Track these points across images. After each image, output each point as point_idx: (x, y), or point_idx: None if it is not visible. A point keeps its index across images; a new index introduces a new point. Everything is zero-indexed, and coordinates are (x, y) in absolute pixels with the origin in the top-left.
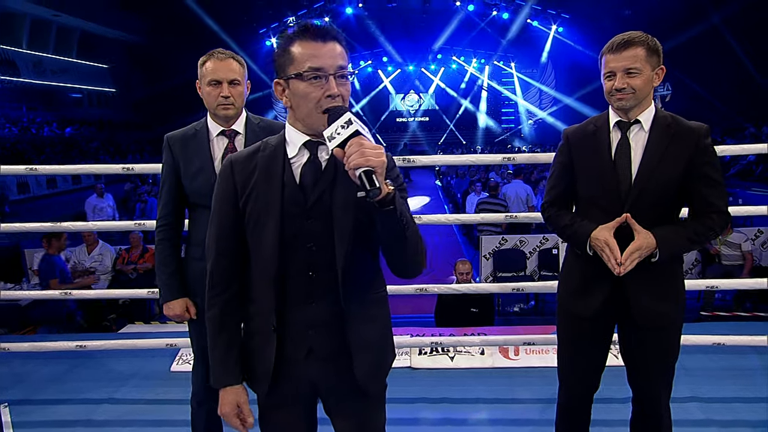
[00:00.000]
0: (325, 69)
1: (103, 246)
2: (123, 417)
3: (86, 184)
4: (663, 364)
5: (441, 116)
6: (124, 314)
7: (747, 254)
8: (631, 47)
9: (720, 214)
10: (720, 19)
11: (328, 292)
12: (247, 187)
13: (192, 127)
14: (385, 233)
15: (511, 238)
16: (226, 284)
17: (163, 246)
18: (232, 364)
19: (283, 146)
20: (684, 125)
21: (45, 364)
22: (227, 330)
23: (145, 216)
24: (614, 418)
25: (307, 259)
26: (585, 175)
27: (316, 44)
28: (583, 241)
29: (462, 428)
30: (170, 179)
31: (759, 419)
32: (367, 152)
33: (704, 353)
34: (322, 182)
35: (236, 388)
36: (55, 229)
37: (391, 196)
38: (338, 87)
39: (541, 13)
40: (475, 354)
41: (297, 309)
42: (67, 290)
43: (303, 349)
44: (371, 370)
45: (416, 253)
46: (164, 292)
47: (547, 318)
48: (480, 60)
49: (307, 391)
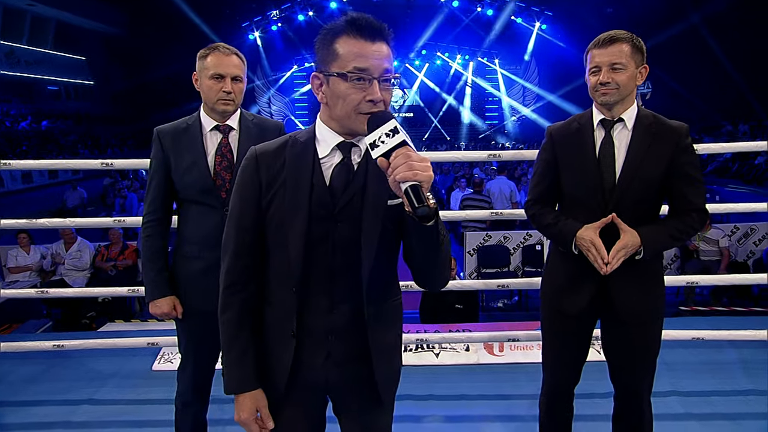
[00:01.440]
0: (370, 71)
1: (81, 242)
2: (103, 418)
3: (63, 179)
4: (645, 359)
5: (425, 112)
6: (104, 312)
7: (724, 250)
8: (616, 43)
9: (699, 212)
10: (700, 18)
11: (350, 297)
12: (274, 185)
13: (183, 121)
14: (421, 247)
15: (495, 235)
16: (244, 284)
17: (150, 242)
18: (250, 368)
19: (313, 144)
20: (665, 124)
21: (21, 364)
22: (244, 333)
23: (125, 212)
24: (596, 413)
25: (330, 263)
26: (569, 172)
27: (365, 43)
28: (569, 240)
29: (448, 425)
30: (159, 174)
31: (736, 412)
32: (415, 165)
33: (684, 347)
34: (353, 186)
35: (255, 393)
36: (31, 225)
37: (434, 211)
38: (382, 92)
39: (524, 10)
40: (460, 351)
41: (318, 314)
42: (44, 289)
43: (321, 355)
44: (388, 375)
45: (446, 267)
46: (151, 289)
47: (530, 313)
48: (464, 56)
49: (320, 395)
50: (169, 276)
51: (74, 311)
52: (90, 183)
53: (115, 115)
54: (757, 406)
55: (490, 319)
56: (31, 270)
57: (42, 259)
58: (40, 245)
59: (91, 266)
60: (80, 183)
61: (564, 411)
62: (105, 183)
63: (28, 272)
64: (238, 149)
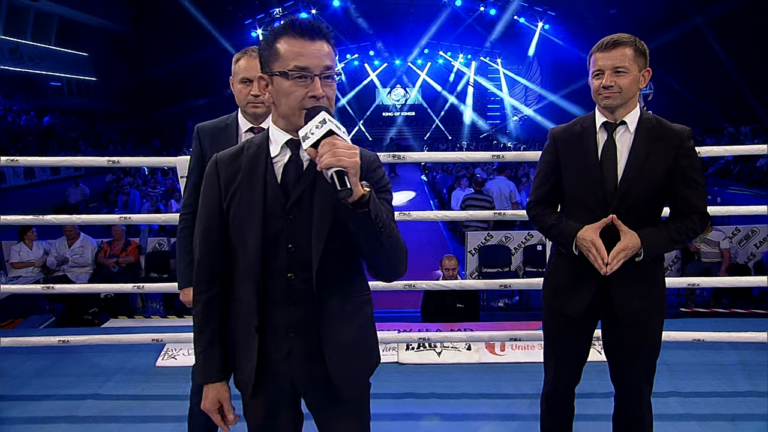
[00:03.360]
0: (310, 69)
1: (84, 239)
2: (108, 413)
3: (65, 175)
4: (645, 360)
5: (427, 111)
6: (106, 308)
7: (725, 252)
8: (619, 47)
9: (700, 215)
10: (703, 20)
11: (306, 293)
12: (231, 187)
13: (223, 120)
14: (359, 235)
15: (497, 234)
16: (209, 282)
17: (184, 234)
18: (214, 361)
19: (266, 145)
20: (668, 127)
21: (26, 359)
22: (210, 327)
23: (128, 209)
24: (597, 413)
25: (287, 259)
26: (571, 174)
27: (304, 42)
28: (570, 241)
29: (450, 423)
30: (198, 169)
31: (736, 413)
32: (339, 152)
33: (684, 349)
34: (303, 181)
35: (217, 385)
36: (38, 222)
37: (366, 198)
38: (323, 88)
39: (528, 9)
40: (462, 349)
41: (278, 310)
42: (50, 285)
43: (283, 350)
44: (346, 374)
45: (393, 257)
46: (182, 278)
47: (531, 313)
48: (467, 55)
49: (289, 389)
50: None
51: (77, 307)
52: (92, 179)
53: (118, 112)
54: (757, 407)
55: (491, 318)
56: (34, 266)
57: (45, 254)
58: (43, 241)
59: (93, 262)
60: (82, 179)
61: (565, 410)
62: (108, 179)
63: (31, 268)
64: None
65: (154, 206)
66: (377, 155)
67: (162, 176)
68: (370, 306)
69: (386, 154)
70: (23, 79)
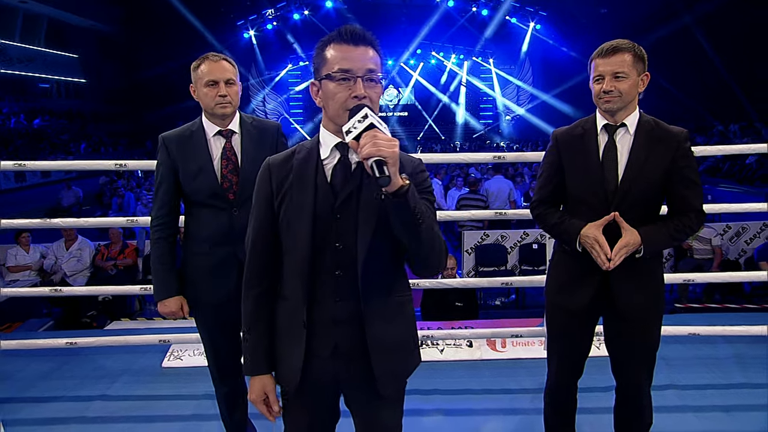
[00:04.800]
0: (353, 71)
1: (82, 242)
2: (117, 413)
3: (56, 178)
4: (645, 352)
5: (420, 111)
6: (104, 311)
7: (717, 249)
8: (619, 53)
9: (697, 213)
10: (692, 19)
11: (352, 290)
12: (282, 189)
13: (187, 128)
14: (399, 224)
15: (493, 234)
16: (259, 280)
17: (159, 244)
18: (262, 354)
19: (317, 148)
20: (666, 129)
21: (29, 362)
22: (259, 324)
23: (123, 211)
24: (598, 406)
25: (334, 257)
26: (574, 175)
27: (348, 47)
28: (573, 238)
29: (454, 418)
30: (168, 179)
31: (731, 404)
32: (379, 143)
33: (681, 343)
34: (351, 183)
35: (264, 378)
36: (44, 225)
37: (405, 188)
38: (366, 89)
39: (519, 10)
40: (464, 347)
41: (325, 306)
42: (57, 287)
43: (329, 346)
44: (388, 371)
45: (429, 250)
46: (160, 289)
47: (527, 311)
48: (459, 56)
49: (332, 387)
50: (178, 276)
51: (75, 310)
52: (84, 182)
53: (109, 113)
54: (751, 398)
55: (488, 317)
56: (31, 269)
57: (42, 258)
58: (39, 244)
59: (91, 265)
60: (74, 182)
61: (568, 403)
62: (101, 182)
63: (28, 271)
64: (241, 151)
65: (147, 208)
66: (421, 160)
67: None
68: (411, 306)
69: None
70: (12, 81)
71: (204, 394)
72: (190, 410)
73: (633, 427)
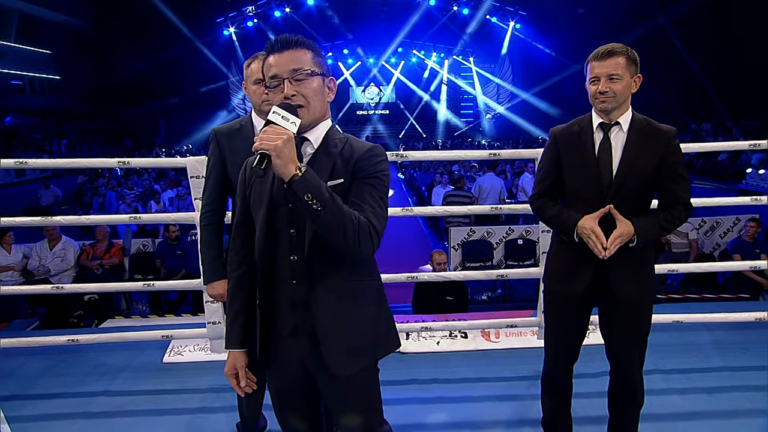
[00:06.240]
0: (280, 75)
1: (66, 241)
2: (122, 408)
3: (30, 177)
4: (637, 336)
5: (401, 109)
6: (91, 311)
7: (693, 242)
8: (613, 56)
9: (685, 206)
10: (667, 20)
11: (307, 274)
12: (251, 180)
13: (237, 122)
14: (301, 209)
15: (479, 230)
16: (237, 264)
17: (208, 230)
18: (236, 331)
19: None
20: (656, 128)
21: (25, 360)
22: (236, 303)
23: (104, 210)
24: (592, 390)
25: (289, 243)
26: (571, 170)
27: (274, 56)
28: (571, 229)
29: (453, 405)
30: (217, 169)
31: (712, 386)
32: (263, 137)
33: (664, 331)
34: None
35: (236, 353)
36: (47, 223)
37: (295, 178)
38: (294, 88)
39: (499, 9)
40: (459, 338)
41: (284, 289)
42: (59, 285)
43: (288, 326)
44: (341, 353)
45: (338, 236)
46: (208, 273)
47: (513, 304)
48: (440, 54)
49: (298, 366)
50: (225, 261)
51: (61, 310)
52: (61, 180)
53: (84, 111)
54: (730, 380)
55: (477, 310)
56: (14, 270)
57: (24, 258)
58: (21, 244)
59: (75, 265)
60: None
61: (564, 387)
62: (80, 181)
63: (11, 272)
64: None
65: (131, 207)
66: (379, 147)
67: (138, 178)
68: (376, 290)
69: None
70: None
71: (209, 387)
72: (196, 403)
73: (626, 408)
